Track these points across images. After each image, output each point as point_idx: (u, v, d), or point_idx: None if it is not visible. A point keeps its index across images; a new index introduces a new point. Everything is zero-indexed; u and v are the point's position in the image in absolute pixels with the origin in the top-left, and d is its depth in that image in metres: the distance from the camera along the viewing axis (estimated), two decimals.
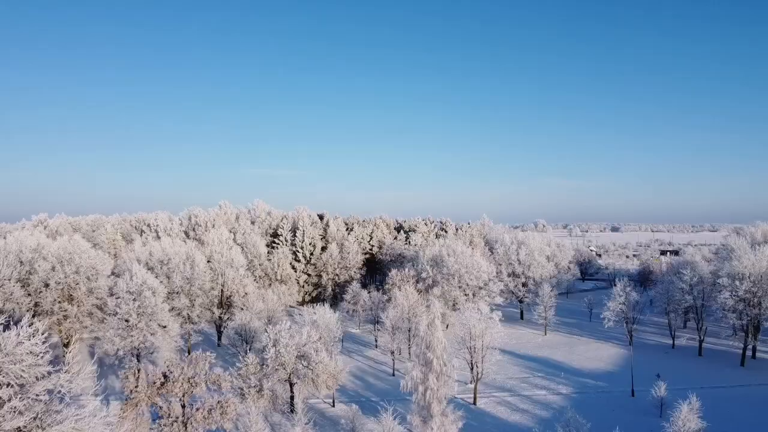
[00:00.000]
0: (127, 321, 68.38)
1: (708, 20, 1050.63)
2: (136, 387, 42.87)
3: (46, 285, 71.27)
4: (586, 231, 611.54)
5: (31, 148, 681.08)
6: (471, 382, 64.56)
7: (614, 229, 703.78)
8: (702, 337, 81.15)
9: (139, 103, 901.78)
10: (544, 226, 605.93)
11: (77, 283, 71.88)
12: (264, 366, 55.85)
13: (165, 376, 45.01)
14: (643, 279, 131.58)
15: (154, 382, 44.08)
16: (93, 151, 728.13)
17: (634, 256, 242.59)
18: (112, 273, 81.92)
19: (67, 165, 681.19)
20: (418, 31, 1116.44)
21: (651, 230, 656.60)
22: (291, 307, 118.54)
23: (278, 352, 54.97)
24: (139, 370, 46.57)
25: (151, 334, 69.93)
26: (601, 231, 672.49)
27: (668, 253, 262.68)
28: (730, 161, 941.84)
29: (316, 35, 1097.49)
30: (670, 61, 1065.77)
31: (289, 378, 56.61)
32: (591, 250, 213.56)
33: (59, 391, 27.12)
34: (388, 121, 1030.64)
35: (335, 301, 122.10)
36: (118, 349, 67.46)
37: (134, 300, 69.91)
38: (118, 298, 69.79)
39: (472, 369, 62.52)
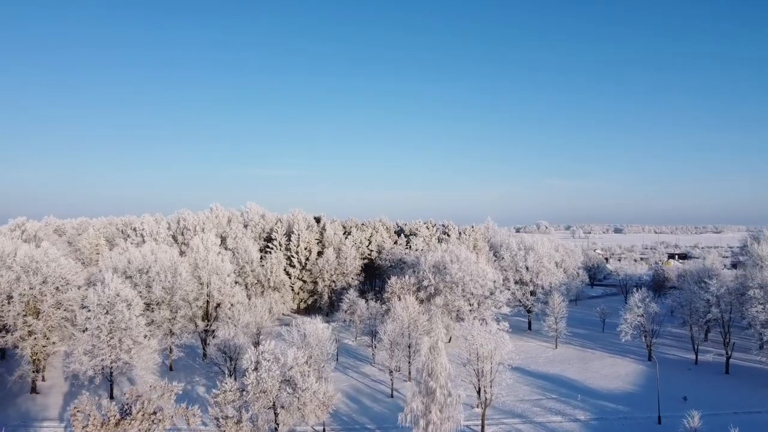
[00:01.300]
0: (97, 337, 61.84)
1: (710, 20, 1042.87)
2: (86, 427, 36.23)
3: (10, 297, 64.68)
4: (589, 232, 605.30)
5: (29, 149, 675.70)
6: (477, 406, 57.95)
7: (617, 231, 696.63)
8: (729, 353, 74.22)
9: (138, 104, 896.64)
10: (546, 227, 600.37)
11: (44, 295, 65.30)
12: (244, 392, 49.22)
13: (122, 411, 38.44)
14: (657, 286, 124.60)
15: (109, 420, 37.47)
16: (90, 152, 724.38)
17: (641, 259, 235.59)
18: (90, 282, 75.40)
19: (65, 165, 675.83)
20: (418, 31, 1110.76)
21: (654, 231, 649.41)
22: (285, 315, 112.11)
23: (260, 377, 48.30)
24: (102, 400, 39.88)
25: (125, 352, 63.34)
26: (604, 232, 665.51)
27: (676, 256, 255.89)
28: (731, 162, 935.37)
29: (316, 35, 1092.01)
30: (671, 62, 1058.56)
31: (273, 406, 49.97)
32: (598, 254, 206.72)
33: None
34: (388, 122, 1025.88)
35: (332, 309, 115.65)
36: (86, 369, 60.87)
37: (106, 313, 63.39)
38: (90, 311, 63.28)
39: (479, 393, 55.78)
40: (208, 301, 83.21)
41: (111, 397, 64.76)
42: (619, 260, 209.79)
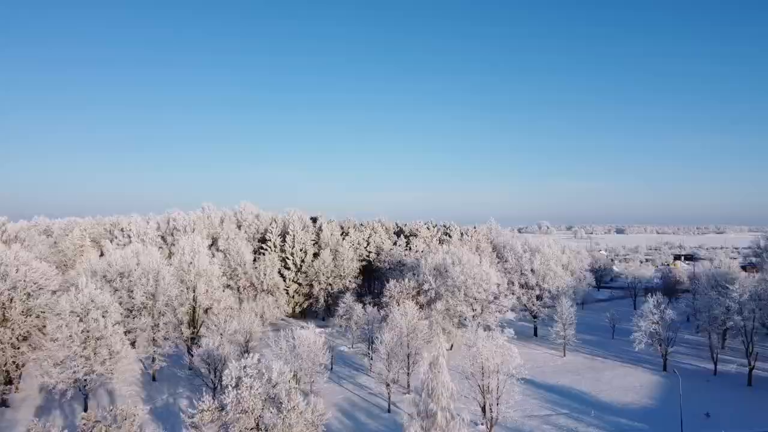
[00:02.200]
0: (69, 347, 56.88)
1: (710, 20, 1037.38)
2: None
3: None
4: (591, 233, 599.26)
5: (25, 149, 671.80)
6: (481, 423, 53.02)
7: (619, 231, 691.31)
8: (753, 363, 69.10)
9: (137, 104, 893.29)
10: (548, 228, 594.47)
11: (12, 301, 60.38)
12: (224, 412, 44.31)
13: None
14: (668, 289, 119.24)
15: None
16: (85, 152, 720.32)
17: (647, 260, 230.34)
18: (66, 287, 70.41)
19: (60, 165, 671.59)
20: (419, 31, 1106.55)
21: (656, 232, 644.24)
22: (279, 320, 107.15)
23: (240, 395, 43.37)
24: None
25: (100, 363, 58.39)
26: (606, 233, 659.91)
27: (683, 257, 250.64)
28: (732, 162, 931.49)
29: (316, 35, 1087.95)
30: (671, 62, 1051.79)
31: (256, 427, 45.01)
32: (604, 254, 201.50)
33: None
34: (388, 122, 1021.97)
35: (328, 313, 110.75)
36: (57, 382, 55.94)
37: (80, 321, 58.42)
38: (62, 318, 58.34)
39: (484, 411, 50.82)
40: (194, 307, 78.21)
41: (85, 411, 59.87)
42: (625, 261, 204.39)
